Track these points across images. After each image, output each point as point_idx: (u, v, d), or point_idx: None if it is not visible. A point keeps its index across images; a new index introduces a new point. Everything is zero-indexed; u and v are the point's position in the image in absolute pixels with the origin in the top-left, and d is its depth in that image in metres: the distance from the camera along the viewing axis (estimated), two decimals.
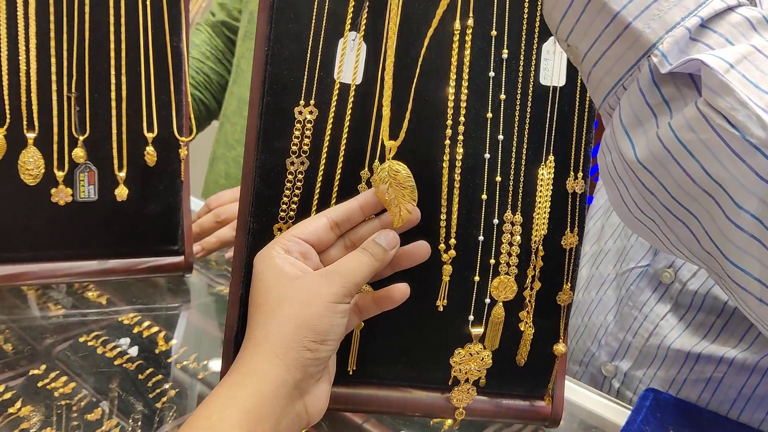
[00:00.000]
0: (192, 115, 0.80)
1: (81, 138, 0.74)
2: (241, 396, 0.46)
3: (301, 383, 0.48)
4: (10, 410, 0.66)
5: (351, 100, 0.57)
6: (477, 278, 0.58)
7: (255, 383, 0.46)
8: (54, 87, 0.72)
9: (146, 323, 0.82)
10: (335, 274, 0.50)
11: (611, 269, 0.85)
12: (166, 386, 0.71)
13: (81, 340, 0.78)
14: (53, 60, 0.72)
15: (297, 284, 0.49)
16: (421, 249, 0.56)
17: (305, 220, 0.54)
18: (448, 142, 0.57)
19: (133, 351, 0.77)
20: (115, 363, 0.74)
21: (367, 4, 0.57)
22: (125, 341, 0.79)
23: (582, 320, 0.87)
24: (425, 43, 0.55)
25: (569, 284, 0.59)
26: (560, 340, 0.60)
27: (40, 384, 0.70)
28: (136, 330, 0.81)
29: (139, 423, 0.66)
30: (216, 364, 0.75)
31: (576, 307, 0.64)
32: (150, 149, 0.77)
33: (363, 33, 0.57)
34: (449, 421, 0.70)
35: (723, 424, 0.64)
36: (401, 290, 0.54)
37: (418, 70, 0.56)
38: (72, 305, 0.87)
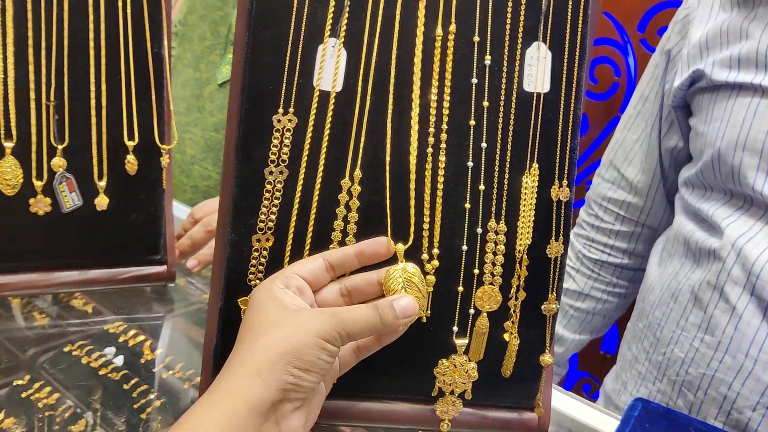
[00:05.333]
0: (174, 122, 0.79)
1: (60, 147, 0.73)
2: (214, 415, 0.46)
3: (278, 405, 0.47)
4: None
5: (331, 107, 0.56)
6: (461, 288, 0.57)
7: (231, 401, 0.46)
8: (32, 95, 0.71)
9: (132, 332, 0.81)
10: (334, 316, 0.50)
11: None
12: (151, 396, 0.70)
13: (65, 349, 0.77)
14: (31, 68, 0.71)
15: (293, 315, 0.50)
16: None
17: (303, 259, 0.55)
18: (430, 150, 0.56)
19: (119, 360, 0.76)
20: (100, 373, 0.73)
21: (347, 9, 0.56)
22: (110, 350, 0.78)
23: None
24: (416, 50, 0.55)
25: (554, 294, 0.58)
26: (546, 351, 0.59)
27: (23, 395, 0.69)
28: (121, 339, 0.80)
29: None
30: None
31: None
32: (131, 157, 0.76)
33: (343, 39, 0.56)
34: None
35: None
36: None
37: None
38: (57, 314, 0.86)
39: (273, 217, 0.56)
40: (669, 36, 0.96)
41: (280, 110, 0.56)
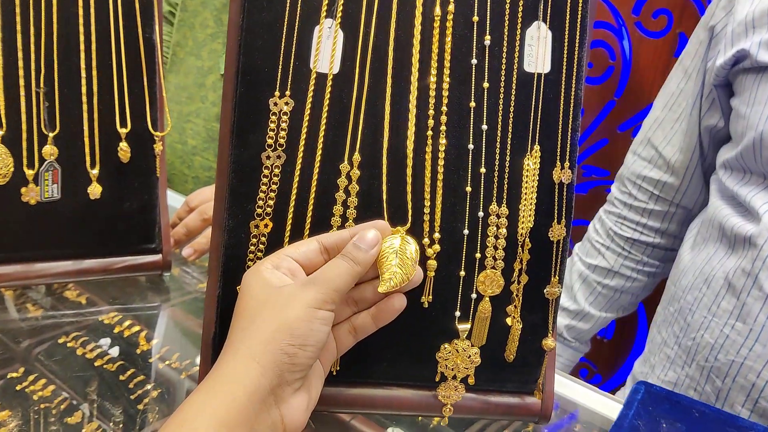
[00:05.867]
0: (167, 109, 0.78)
1: (51, 135, 0.72)
2: (214, 403, 0.45)
3: (277, 389, 0.47)
4: None
5: (328, 90, 0.55)
6: (462, 273, 0.57)
7: (229, 389, 0.46)
8: (22, 82, 0.70)
9: (127, 322, 0.80)
10: (315, 280, 0.50)
11: None
12: (148, 387, 0.70)
13: (60, 341, 0.76)
14: (20, 54, 0.70)
15: (278, 291, 0.49)
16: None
17: (298, 242, 0.54)
18: (430, 132, 0.55)
19: (114, 351, 0.75)
20: (96, 364, 0.72)
21: None
22: (106, 342, 0.77)
23: None
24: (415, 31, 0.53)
25: (557, 277, 0.58)
26: (549, 335, 0.59)
27: (18, 387, 0.68)
28: (116, 330, 0.79)
29: (121, 426, 0.64)
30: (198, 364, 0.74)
31: None
32: (123, 145, 0.75)
33: (339, 20, 0.55)
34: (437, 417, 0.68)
35: (714, 417, 0.62)
36: (399, 301, 0.54)
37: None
38: (51, 306, 0.85)
39: (271, 202, 0.55)
40: (713, 11, 0.93)
41: (277, 93, 0.55)
